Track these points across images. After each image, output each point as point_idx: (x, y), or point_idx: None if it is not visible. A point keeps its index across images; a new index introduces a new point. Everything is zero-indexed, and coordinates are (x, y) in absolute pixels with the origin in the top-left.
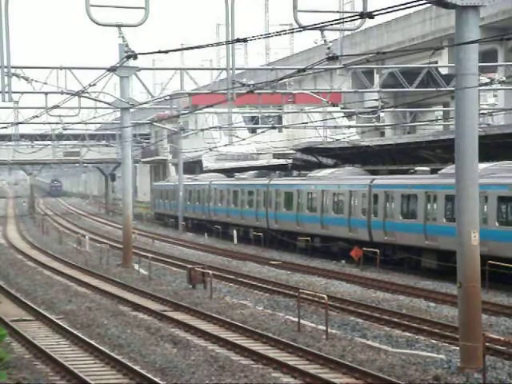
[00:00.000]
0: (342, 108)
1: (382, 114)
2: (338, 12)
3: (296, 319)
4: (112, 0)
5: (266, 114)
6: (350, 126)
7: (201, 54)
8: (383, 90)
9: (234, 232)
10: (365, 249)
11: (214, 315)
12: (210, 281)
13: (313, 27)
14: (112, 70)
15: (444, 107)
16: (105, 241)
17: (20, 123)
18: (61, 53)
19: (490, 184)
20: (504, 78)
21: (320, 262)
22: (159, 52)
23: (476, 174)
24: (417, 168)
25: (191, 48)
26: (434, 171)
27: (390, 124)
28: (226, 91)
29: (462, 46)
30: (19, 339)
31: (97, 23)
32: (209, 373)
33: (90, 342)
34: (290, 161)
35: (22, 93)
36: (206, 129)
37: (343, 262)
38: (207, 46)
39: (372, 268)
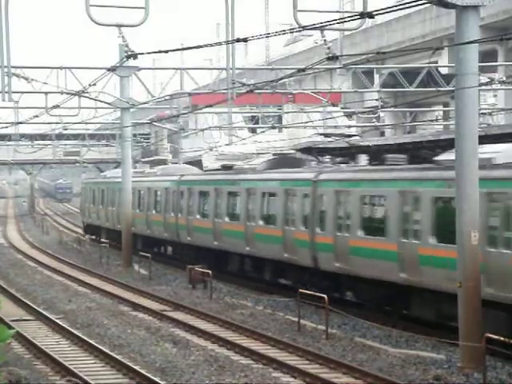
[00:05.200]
0: (341, 108)
1: (382, 114)
2: (338, 12)
3: (296, 319)
4: (112, 0)
5: (266, 114)
6: (350, 126)
7: (201, 54)
8: (383, 89)
9: None
10: None
11: (213, 315)
12: (210, 281)
13: (313, 27)
14: (112, 69)
15: (444, 107)
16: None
17: (20, 123)
18: (61, 53)
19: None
20: (504, 78)
21: None
22: (159, 52)
23: (476, 174)
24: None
25: (191, 48)
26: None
27: (390, 124)
28: (226, 91)
29: (462, 45)
30: (19, 339)
31: (97, 23)
32: (209, 372)
33: (90, 341)
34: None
35: (22, 93)
36: (206, 129)
37: None
38: (207, 45)
39: None
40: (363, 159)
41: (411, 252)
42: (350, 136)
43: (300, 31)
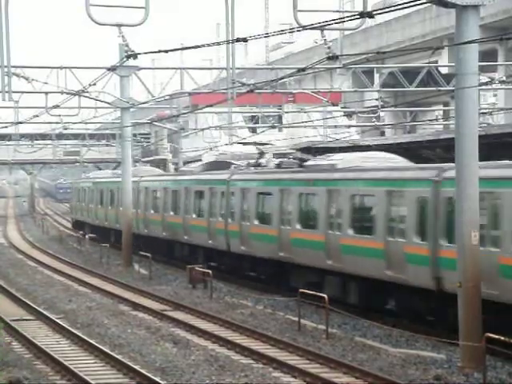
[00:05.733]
0: (341, 108)
1: (382, 114)
2: (337, 12)
3: (296, 319)
4: (112, 0)
5: (266, 114)
6: (350, 126)
7: (201, 54)
8: (383, 89)
9: None
10: None
11: (214, 315)
12: (210, 281)
13: (313, 27)
14: (112, 69)
15: (444, 107)
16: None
17: (20, 123)
18: (61, 53)
19: None
20: (504, 78)
21: None
22: (159, 52)
23: (476, 174)
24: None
25: (191, 48)
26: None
27: (390, 124)
28: (226, 91)
29: (462, 45)
30: (19, 339)
31: (97, 23)
32: (209, 372)
33: (90, 341)
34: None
35: (22, 92)
36: (206, 128)
37: None
38: (207, 45)
39: None
40: (272, 163)
41: (286, 236)
42: (262, 144)
43: (300, 31)
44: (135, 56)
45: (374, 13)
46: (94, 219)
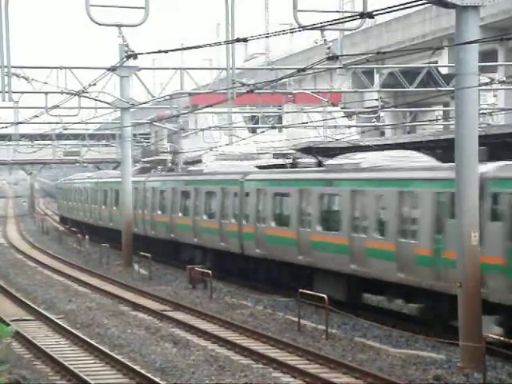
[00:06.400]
0: (341, 108)
1: (382, 114)
2: (337, 12)
3: (296, 319)
4: (112, 0)
5: (266, 114)
6: (350, 126)
7: (201, 54)
8: (383, 89)
9: None
10: None
11: (214, 315)
12: (210, 281)
13: (313, 27)
14: (112, 69)
15: (444, 107)
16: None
17: (20, 123)
18: (61, 53)
19: None
20: (504, 78)
21: None
22: (159, 52)
23: (476, 174)
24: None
25: (191, 48)
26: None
27: (390, 124)
28: (226, 91)
29: (462, 45)
30: (19, 339)
31: (97, 23)
32: (209, 372)
33: (90, 341)
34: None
35: (22, 93)
36: (206, 129)
37: None
38: (207, 45)
39: None
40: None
41: (173, 222)
42: (178, 152)
43: (300, 31)
44: (135, 56)
45: (374, 13)
46: (72, 215)
